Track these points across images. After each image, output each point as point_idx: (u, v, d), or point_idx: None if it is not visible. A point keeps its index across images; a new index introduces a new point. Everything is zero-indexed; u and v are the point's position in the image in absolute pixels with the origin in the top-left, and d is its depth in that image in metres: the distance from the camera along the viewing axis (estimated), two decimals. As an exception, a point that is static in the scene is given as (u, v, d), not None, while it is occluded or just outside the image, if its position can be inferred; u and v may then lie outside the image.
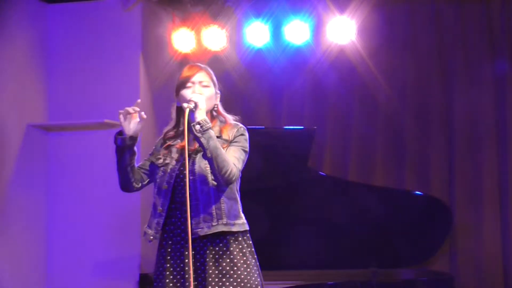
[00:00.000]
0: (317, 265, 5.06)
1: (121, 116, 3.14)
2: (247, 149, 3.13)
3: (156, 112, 5.82)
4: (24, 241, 5.46)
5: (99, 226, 5.58)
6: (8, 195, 5.29)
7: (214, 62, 5.77)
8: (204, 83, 3.12)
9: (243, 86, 5.87)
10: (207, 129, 2.95)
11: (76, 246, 5.61)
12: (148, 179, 3.23)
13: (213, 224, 3.01)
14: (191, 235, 2.97)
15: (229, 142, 3.08)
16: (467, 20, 5.57)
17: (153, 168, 3.21)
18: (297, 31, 5.55)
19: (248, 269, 3.05)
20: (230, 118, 3.19)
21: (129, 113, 3.13)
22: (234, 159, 3.04)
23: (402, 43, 5.69)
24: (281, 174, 4.96)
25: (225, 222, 3.03)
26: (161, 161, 3.16)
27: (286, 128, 5.59)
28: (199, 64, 3.21)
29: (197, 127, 2.94)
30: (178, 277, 3.04)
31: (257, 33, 5.63)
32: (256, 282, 3.06)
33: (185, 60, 5.88)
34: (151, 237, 3.11)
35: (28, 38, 5.59)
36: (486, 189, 5.44)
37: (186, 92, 3.09)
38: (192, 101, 2.99)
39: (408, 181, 5.57)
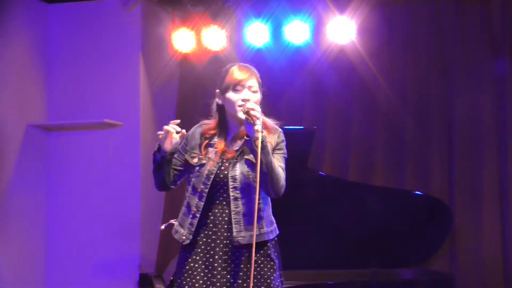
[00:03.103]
0: (317, 265, 5.05)
1: (161, 136, 2.99)
2: (286, 155, 3.11)
3: (156, 112, 5.82)
4: (24, 241, 5.46)
5: (99, 226, 5.59)
6: (8, 195, 5.30)
7: (214, 62, 5.78)
8: (253, 89, 3.07)
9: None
10: (266, 144, 2.90)
11: (76, 246, 5.62)
12: (182, 177, 3.13)
13: (256, 233, 2.95)
14: (233, 242, 2.96)
15: (272, 150, 3.03)
16: (467, 20, 5.56)
17: (186, 167, 3.09)
18: (297, 31, 5.55)
19: (275, 274, 3.04)
20: (270, 122, 3.13)
21: (169, 132, 2.98)
22: (280, 169, 3.01)
23: (402, 43, 5.68)
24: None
25: (265, 231, 3.03)
26: (196, 160, 3.06)
27: (286, 128, 5.58)
28: (250, 67, 3.13)
29: (258, 142, 2.87)
30: (208, 282, 2.98)
31: (257, 33, 5.63)
32: (278, 284, 3.05)
33: (185, 60, 5.89)
34: (184, 237, 3.02)
35: (28, 38, 5.59)
36: (486, 189, 5.43)
37: (234, 96, 3.03)
38: (253, 116, 2.89)
39: (408, 181, 5.56)
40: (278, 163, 3.01)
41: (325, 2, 5.58)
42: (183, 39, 5.71)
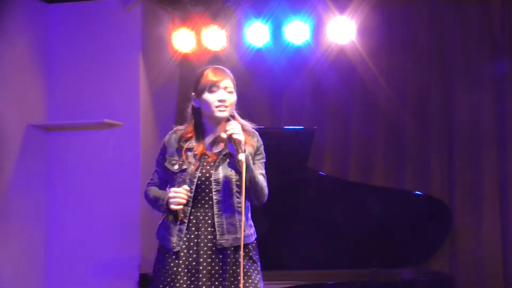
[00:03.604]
0: (317, 265, 5.06)
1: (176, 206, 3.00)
2: (265, 159, 3.14)
3: (156, 112, 5.82)
4: (24, 241, 5.46)
5: (99, 226, 5.58)
6: (8, 195, 5.29)
7: (214, 62, 5.77)
8: (229, 89, 3.07)
9: (243, 86, 5.85)
10: (249, 163, 2.92)
11: (76, 246, 5.61)
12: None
13: (238, 236, 2.98)
14: (217, 245, 2.98)
15: (253, 155, 3.05)
16: (467, 20, 5.56)
17: (168, 175, 3.10)
18: (297, 31, 5.55)
19: (259, 275, 3.06)
20: (246, 124, 3.14)
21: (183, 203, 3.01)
22: (263, 177, 3.05)
23: (402, 43, 5.68)
24: (281, 174, 4.96)
25: (247, 233, 3.03)
26: (177, 166, 3.05)
27: (286, 128, 5.59)
28: (224, 69, 3.15)
29: (241, 163, 2.89)
30: (192, 286, 2.98)
31: (257, 33, 5.63)
32: (262, 286, 3.07)
33: (185, 60, 5.89)
34: (174, 244, 3.01)
35: (28, 38, 5.59)
36: (486, 189, 5.43)
37: (211, 97, 3.03)
38: (236, 139, 2.90)
39: (408, 181, 5.56)
40: (260, 171, 3.05)
41: (325, 2, 5.58)
42: (183, 39, 5.71)
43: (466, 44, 5.57)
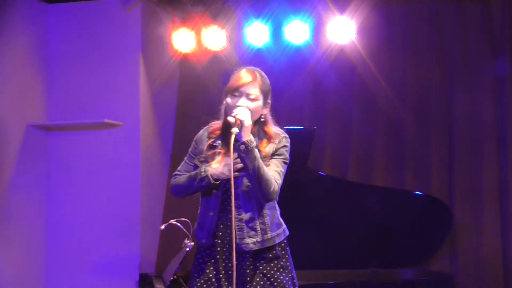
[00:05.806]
0: (317, 265, 5.06)
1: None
2: (288, 160, 3.09)
3: (156, 112, 5.82)
4: (24, 241, 5.46)
5: (99, 226, 5.59)
6: (8, 195, 5.29)
7: (214, 62, 5.78)
8: (252, 96, 3.01)
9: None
10: (251, 149, 2.89)
11: (76, 246, 5.62)
12: None
13: (258, 240, 3.00)
14: (238, 250, 2.98)
15: (271, 155, 3.03)
16: (467, 20, 5.56)
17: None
18: (297, 31, 5.55)
19: (288, 275, 3.05)
20: (275, 129, 3.12)
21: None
22: (275, 174, 2.99)
23: (402, 43, 5.68)
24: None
25: (269, 237, 3.03)
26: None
27: (286, 128, 5.58)
28: (256, 73, 3.08)
29: (242, 147, 2.88)
30: (216, 284, 3.01)
31: (257, 33, 5.63)
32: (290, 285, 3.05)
33: (185, 60, 5.89)
34: (204, 241, 3.05)
35: (28, 38, 5.59)
36: (486, 189, 5.43)
37: (231, 101, 3.00)
38: (237, 119, 2.90)
39: (408, 181, 5.56)
40: (274, 168, 3.00)
41: (325, 2, 5.58)
42: (183, 39, 5.71)
43: (466, 44, 5.56)
